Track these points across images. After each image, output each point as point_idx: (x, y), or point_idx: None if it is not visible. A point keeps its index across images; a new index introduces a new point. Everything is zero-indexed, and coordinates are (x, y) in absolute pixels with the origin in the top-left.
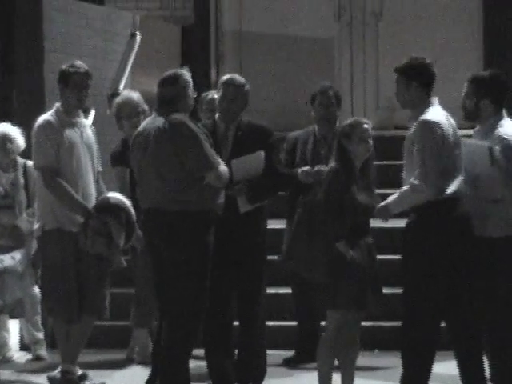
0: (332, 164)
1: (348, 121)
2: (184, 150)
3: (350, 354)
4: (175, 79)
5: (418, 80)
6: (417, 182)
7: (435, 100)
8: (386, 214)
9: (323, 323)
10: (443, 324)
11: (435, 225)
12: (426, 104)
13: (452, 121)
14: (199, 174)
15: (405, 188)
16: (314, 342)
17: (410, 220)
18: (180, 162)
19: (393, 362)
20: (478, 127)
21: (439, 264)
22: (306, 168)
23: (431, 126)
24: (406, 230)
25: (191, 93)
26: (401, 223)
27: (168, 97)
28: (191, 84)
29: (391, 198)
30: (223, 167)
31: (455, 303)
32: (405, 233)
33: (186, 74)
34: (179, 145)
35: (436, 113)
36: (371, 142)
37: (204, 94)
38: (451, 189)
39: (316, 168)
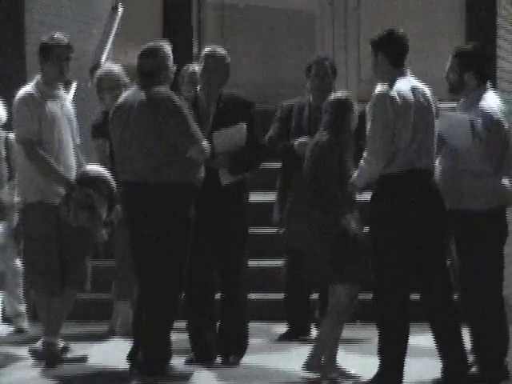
0: (322, 135)
1: (339, 94)
2: (168, 124)
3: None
4: (155, 51)
5: (384, 51)
6: (365, 154)
7: (405, 72)
8: (353, 187)
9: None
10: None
11: (392, 197)
12: (394, 76)
13: (425, 93)
14: (182, 149)
15: (361, 162)
16: (304, 317)
17: (373, 192)
18: (163, 136)
19: (375, 334)
20: (461, 100)
21: (397, 235)
22: (305, 138)
23: (380, 99)
24: (370, 202)
25: (171, 65)
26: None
27: (148, 69)
28: (171, 56)
29: (355, 172)
30: (205, 142)
31: (425, 274)
32: (369, 204)
33: (166, 46)
34: (163, 118)
35: (397, 85)
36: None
37: (185, 67)
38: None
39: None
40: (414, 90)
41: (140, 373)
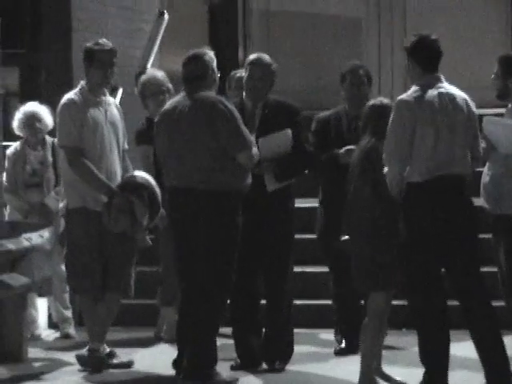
0: (369, 142)
1: (380, 99)
2: (219, 128)
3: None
4: (199, 57)
5: (415, 57)
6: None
7: (437, 77)
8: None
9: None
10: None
11: (419, 204)
12: (425, 81)
13: (455, 98)
14: (233, 154)
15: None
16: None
17: (402, 199)
18: (214, 141)
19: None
20: (509, 106)
21: (426, 242)
22: (350, 147)
23: (399, 105)
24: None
25: (216, 70)
26: None
27: (193, 75)
28: (215, 62)
29: None
30: (255, 149)
31: (459, 280)
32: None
33: (209, 52)
34: (214, 122)
35: (421, 91)
36: None
37: (233, 73)
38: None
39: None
40: (441, 95)
41: (185, 379)
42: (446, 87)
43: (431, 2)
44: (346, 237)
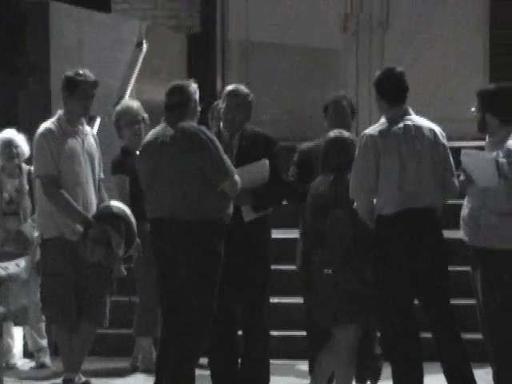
0: (331, 176)
1: (340, 132)
2: (201, 156)
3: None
4: (181, 88)
5: (380, 92)
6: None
7: (404, 110)
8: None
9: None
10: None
11: (388, 237)
12: (391, 114)
13: (422, 131)
14: (216, 182)
15: None
16: None
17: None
18: (198, 171)
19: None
20: (489, 139)
21: (395, 274)
22: None
23: (363, 139)
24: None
25: (198, 102)
26: None
27: (175, 105)
28: (197, 93)
29: None
30: (237, 177)
31: (430, 312)
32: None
33: (193, 83)
34: (196, 151)
35: (386, 125)
36: None
37: (215, 103)
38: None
39: None
40: (406, 128)
41: None
42: (413, 119)
43: (409, 35)
44: (330, 270)
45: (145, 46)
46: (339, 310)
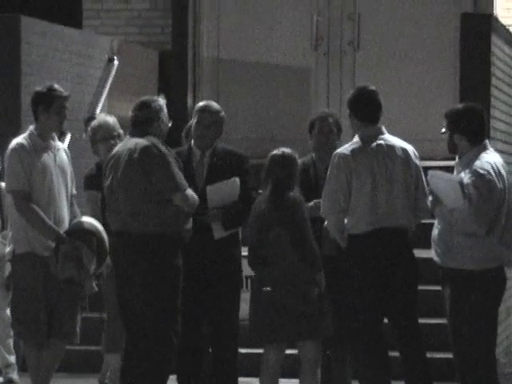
0: (274, 193)
1: (282, 151)
2: (152, 171)
3: None
4: (149, 104)
5: (352, 110)
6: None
7: (377, 129)
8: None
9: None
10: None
11: (358, 256)
12: (365, 133)
13: (394, 151)
14: (166, 196)
15: None
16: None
17: (345, 250)
18: (148, 184)
19: None
20: (458, 159)
21: (364, 293)
22: (319, 200)
23: (334, 159)
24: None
25: (165, 118)
26: None
27: (140, 120)
28: (165, 110)
29: None
30: (190, 191)
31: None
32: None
33: (161, 100)
34: (148, 165)
35: (358, 144)
36: None
37: (190, 122)
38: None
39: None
40: (379, 147)
41: None
42: (386, 139)
43: (380, 55)
44: (268, 288)
45: (116, 62)
46: (274, 328)
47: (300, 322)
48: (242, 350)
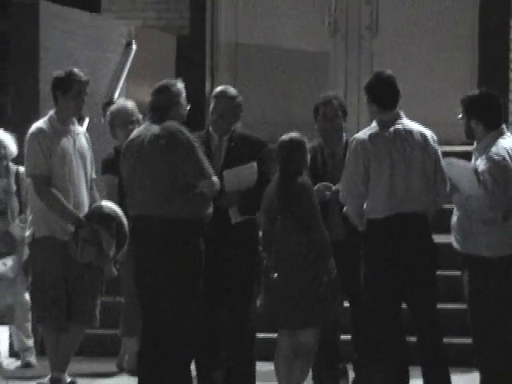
0: (284, 177)
1: (290, 136)
2: (179, 157)
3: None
4: (168, 88)
5: (371, 96)
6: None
7: (396, 114)
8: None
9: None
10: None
11: (377, 241)
12: (383, 118)
13: (413, 136)
14: (193, 182)
15: None
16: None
17: (363, 235)
18: (173, 169)
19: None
20: (476, 145)
21: (383, 278)
22: (326, 183)
23: (352, 144)
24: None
25: (184, 102)
26: None
27: (160, 105)
28: (184, 94)
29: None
30: (215, 178)
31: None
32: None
33: (179, 83)
34: (174, 151)
35: (376, 129)
36: None
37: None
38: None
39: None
40: (397, 132)
41: None
42: (404, 123)
43: (399, 39)
44: (276, 274)
45: (134, 47)
46: (283, 315)
47: (308, 308)
48: (260, 335)
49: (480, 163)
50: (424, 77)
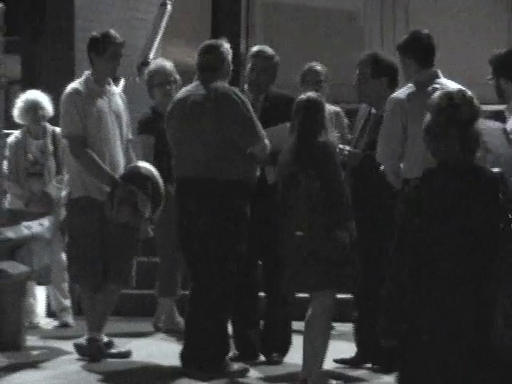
0: (300, 137)
1: (307, 96)
2: (231, 119)
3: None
4: (215, 48)
5: (410, 54)
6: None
7: (434, 72)
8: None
9: None
10: None
11: (404, 201)
12: (422, 77)
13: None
14: (246, 146)
15: None
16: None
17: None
18: (225, 131)
19: None
20: (508, 104)
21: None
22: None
23: (388, 103)
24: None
25: (230, 63)
26: None
27: (208, 65)
28: (230, 54)
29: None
30: (267, 140)
31: None
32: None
33: (226, 44)
34: (228, 113)
35: (414, 89)
36: None
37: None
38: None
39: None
40: (434, 92)
41: (196, 370)
42: (441, 82)
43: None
44: (300, 232)
45: (169, 7)
46: (306, 275)
47: (330, 269)
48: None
49: (510, 123)
50: (459, 35)
